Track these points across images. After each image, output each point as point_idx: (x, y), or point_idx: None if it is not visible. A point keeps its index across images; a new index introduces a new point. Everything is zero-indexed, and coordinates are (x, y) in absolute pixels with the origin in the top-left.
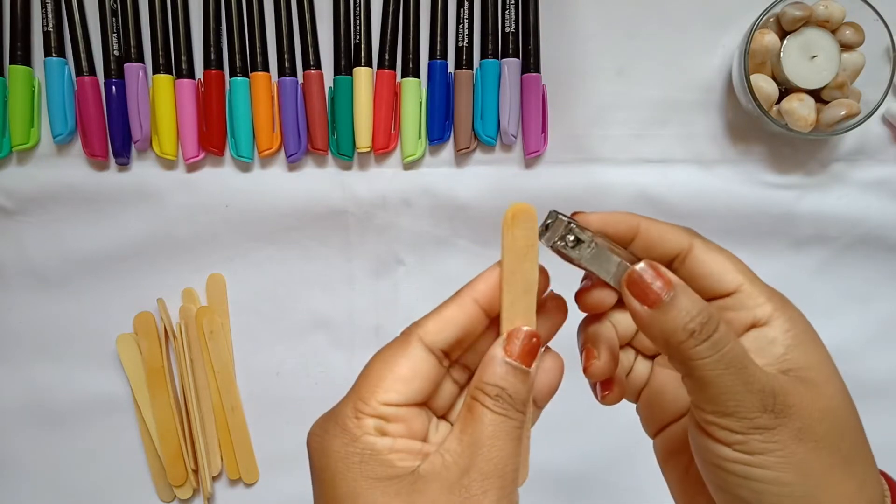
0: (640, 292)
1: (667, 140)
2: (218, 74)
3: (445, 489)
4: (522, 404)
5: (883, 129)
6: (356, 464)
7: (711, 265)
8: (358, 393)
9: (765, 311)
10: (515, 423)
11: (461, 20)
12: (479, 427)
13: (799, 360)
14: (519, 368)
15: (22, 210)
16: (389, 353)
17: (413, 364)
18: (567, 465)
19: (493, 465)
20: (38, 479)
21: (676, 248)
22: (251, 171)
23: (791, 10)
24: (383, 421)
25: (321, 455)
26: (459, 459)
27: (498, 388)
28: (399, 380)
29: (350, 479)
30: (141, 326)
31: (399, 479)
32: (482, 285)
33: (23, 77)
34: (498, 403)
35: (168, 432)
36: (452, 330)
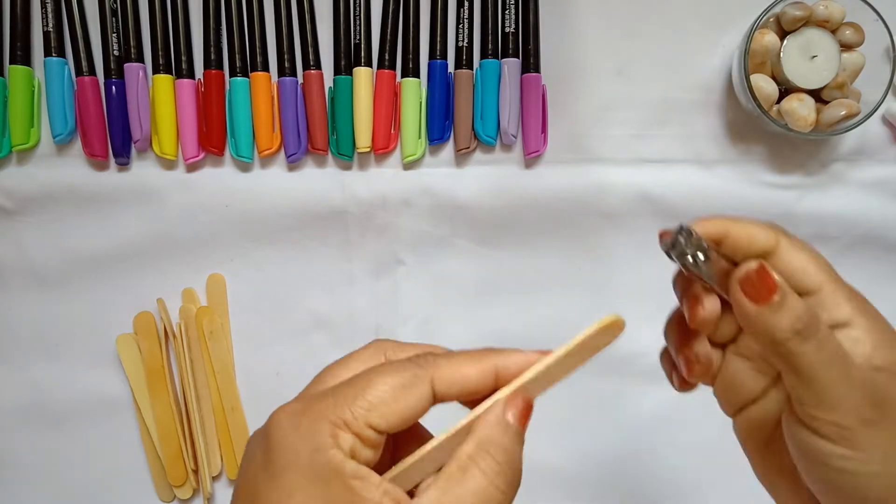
0: (753, 291)
1: (667, 140)
2: (218, 74)
3: None
4: (519, 474)
5: (883, 129)
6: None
7: (795, 263)
8: (348, 398)
9: (845, 311)
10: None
11: (461, 20)
12: (469, 493)
13: (888, 358)
14: (517, 433)
15: (22, 210)
16: (400, 381)
17: (417, 403)
18: (565, 465)
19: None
20: (37, 479)
21: (764, 247)
22: (251, 171)
23: (791, 10)
24: (360, 443)
25: (283, 451)
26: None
27: (500, 455)
28: (398, 413)
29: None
30: (141, 326)
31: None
32: (513, 364)
33: (23, 77)
34: (500, 472)
35: (168, 432)
36: (461, 390)
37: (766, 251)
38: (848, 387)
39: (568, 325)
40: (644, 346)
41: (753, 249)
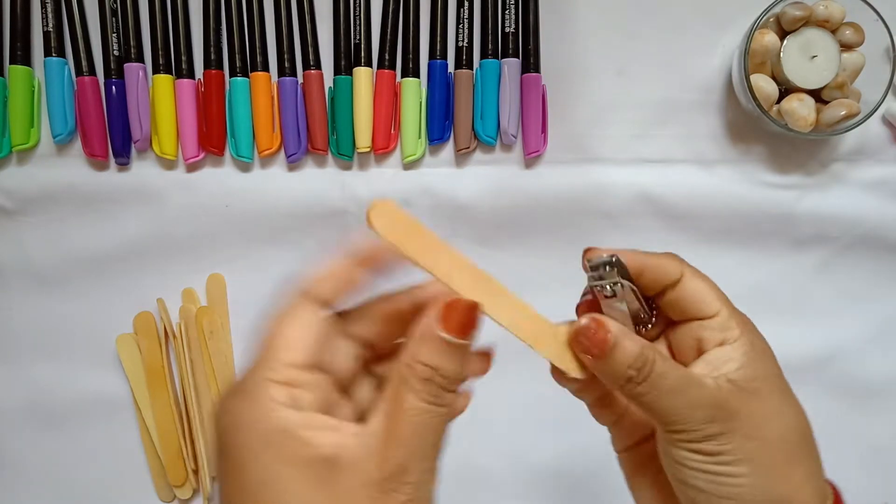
0: (584, 347)
1: (667, 140)
2: (218, 74)
3: (363, 480)
4: (457, 383)
5: (883, 129)
6: (270, 444)
7: (697, 292)
8: (262, 359)
9: (733, 333)
10: (443, 409)
11: (461, 20)
12: (402, 416)
13: (748, 375)
14: (456, 344)
15: (22, 210)
16: (279, 314)
17: (305, 318)
18: (564, 465)
19: (418, 459)
20: (37, 479)
21: (673, 278)
22: (251, 171)
23: (791, 9)
24: (293, 388)
25: (232, 432)
26: (382, 450)
27: (430, 368)
28: (297, 336)
29: (263, 463)
30: (141, 326)
31: (315, 464)
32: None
33: (23, 77)
34: (428, 387)
35: (168, 432)
36: (333, 284)
37: (674, 281)
38: (689, 410)
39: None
40: None
41: (666, 280)
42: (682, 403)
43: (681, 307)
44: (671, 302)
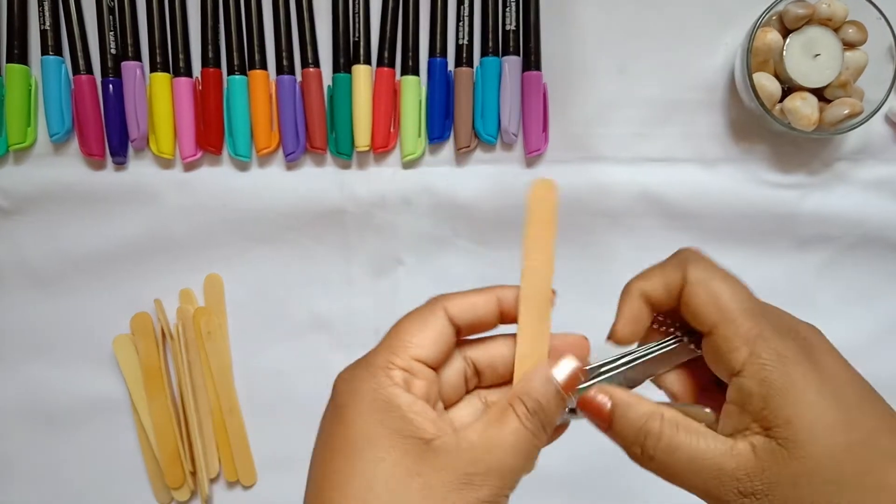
0: (588, 415)
1: (669, 139)
2: (215, 73)
3: (451, 469)
4: (551, 427)
5: (886, 128)
6: (379, 410)
7: (697, 300)
8: (390, 345)
9: (739, 356)
10: (538, 442)
11: (461, 18)
12: (505, 432)
13: (776, 417)
14: (560, 393)
15: (18, 209)
16: (419, 316)
17: (439, 328)
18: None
19: (503, 470)
20: (34, 480)
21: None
22: (249, 170)
23: (794, 8)
24: (410, 375)
25: (348, 395)
26: (474, 451)
27: (538, 403)
28: (428, 339)
29: (370, 423)
30: (138, 327)
31: (413, 441)
32: (510, 293)
33: (19, 76)
34: (530, 418)
35: (165, 434)
36: (474, 313)
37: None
38: (715, 486)
39: (567, 324)
40: None
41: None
42: (701, 481)
43: (689, 318)
44: (685, 313)
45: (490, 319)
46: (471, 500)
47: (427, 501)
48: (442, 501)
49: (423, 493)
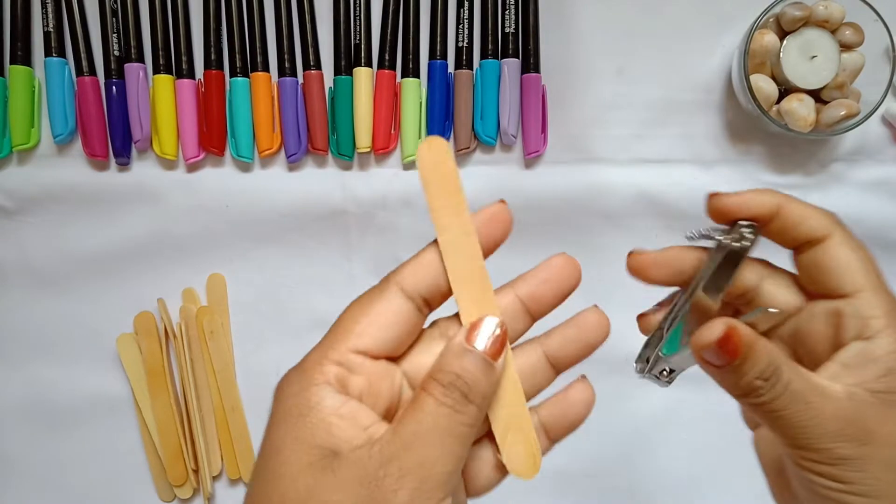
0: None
1: (667, 140)
2: (218, 74)
3: (356, 478)
4: (480, 398)
5: (882, 130)
6: (294, 416)
7: (839, 261)
8: (328, 338)
9: (876, 325)
10: (463, 418)
11: (461, 20)
12: (418, 417)
13: (893, 384)
14: (482, 359)
15: (22, 210)
16: (365, 299)
17: (388, 309)
18: (565, 465)
19: (418, 460)
20: (37, 479)
21: (813, 235)
22: (251, 171)
23: (791, 10)
24: (346, 371)
25: (275, 398)
26: (385, 449)
27: (453, 374)
28: (373, 324)
29: (282, 432)
30: (141, 326)
31: (321, 452)
32: None
33: (23, 77)
34: (447, 392)
35: (168, 432)
36: (429, 274)
37: (815, 239)
38: (816, 425)
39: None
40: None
41: (802, 233)
42: (807, 418)
43: (816, 276)
44: (807, 266)
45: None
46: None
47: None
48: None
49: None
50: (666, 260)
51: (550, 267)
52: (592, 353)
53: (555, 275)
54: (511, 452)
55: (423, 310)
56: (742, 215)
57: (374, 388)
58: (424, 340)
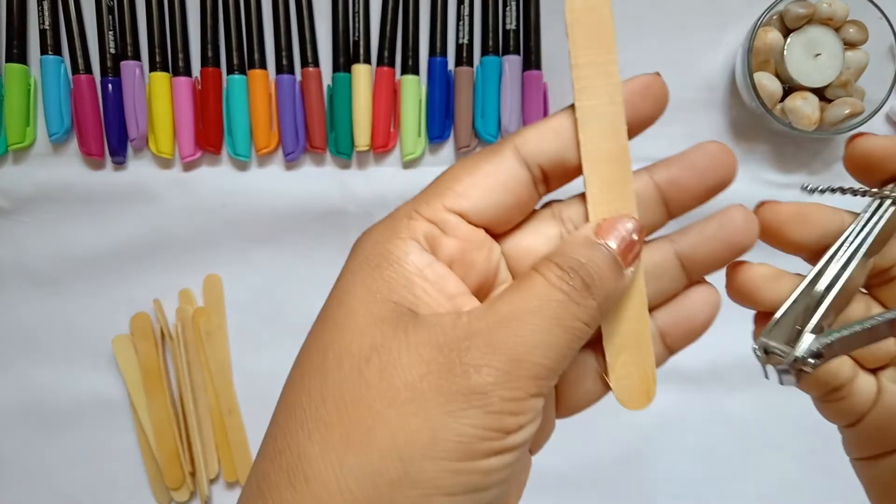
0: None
1: (670, 138)
2: (215, 72)
3: (434, 342)
4: (603, 296)
5: (887, 128)
6: (371, 267)
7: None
8: (424, 193)
9: None
10: (578, 310)
11: (461, 17)
12: (523, 296)
13: None
14: (614, 258)
15: (18, 209)
16: (473, 159)
17: (499, 171)
18: (566, 467)
19: (513, 341)
20: (32, 481)
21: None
22: (248, 170)
23: (794, 7)
24: (439, 230)
25: (351, 251)
26: (475, 322)
27: (576, 261)
28: (478, 185)
29: (352, 281)
30: (137, 327)
31: (397, 308)
32: None
33: (19, 75)
34: (565, 277)
35: (165, 434)
36: (556, 143)
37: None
38: None
39: None
40: None
41: None
42: None
43: None
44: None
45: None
46: (457, 389)
47: (388, 387)
48: (409, 389)
49: (384, 374)
50: (811, 214)
51: (701, 151)
52: (735, 258)
53: (705, 161)
54: (622, 376)
55: (539, 185)
56: (891, 166)
57: (468, 257)
58: (533, 222)
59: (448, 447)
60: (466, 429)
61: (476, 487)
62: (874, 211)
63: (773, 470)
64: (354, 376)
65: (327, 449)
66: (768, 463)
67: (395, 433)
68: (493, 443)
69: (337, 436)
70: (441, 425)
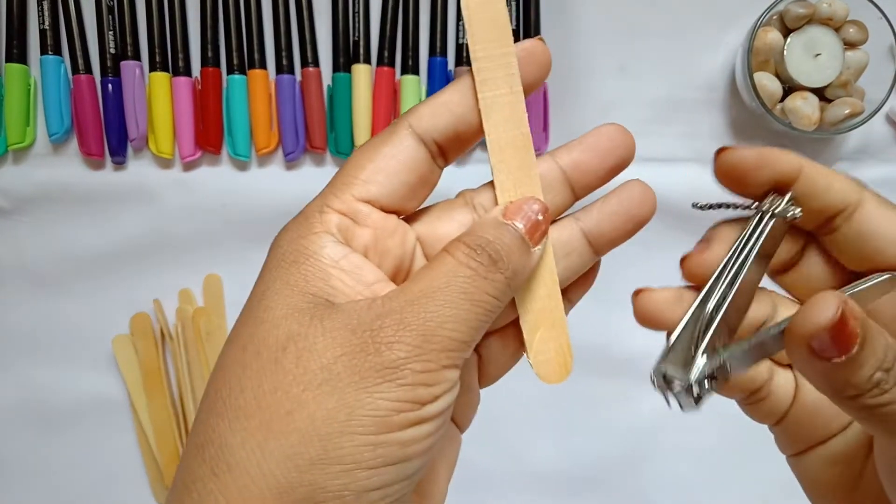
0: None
1: (670, 138)
2: (215, 72)
3: (348, 326)
4: (511, 272)
5: (887, 128)
6: (287, 263)
7: (887, 227)
8: (331, 185)
9: None
10: (486, 285)
11: (461, 17)
12: (431, 275)
13: None
14: (521, 237)
15: (18, 209)
16: (371, 144)
17: (399, 153)
18: (565, 467)
19: (423, 317)
20: (32, 481)
21: (842, 202)
22: (248, 170)
23: (794, 7)
24: (351, 221)
25: (268, 252)
26: (386, 303)
27: (484, 239)
28: (381, 170)
29: (270, 278)
30: (137, 327)
31: (313, 300)
32: None
33: (19, 75)
34: (471, 254)
35: (165, 434)
36: (448, 117)
37: (845, 207)
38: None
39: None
40: (644, 347)
41: (829, 201)
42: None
43: (862, 249)
44: (845, 242)
45: (474, 119)
46: (370, 367)
47: (304, 372)
48: (324, 371)
49: (300, 360)
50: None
51: (598, 133)
52: (637, 230)
53: (604, 143)
54: (540, 352)
55: (437, 159)
56: (760, 176)
57: (382, 244)
58: (446, 209)
59: (365, 422)
60: (381, 402)
61: (396, 458)
62: (755, 225)
63: (770, 470)
64: (271, 365)
65: (247, 437)
66: (766, 463)
67: (312, 414)
68: (408, 414)
69: (256, 423)
70: (356, 402)
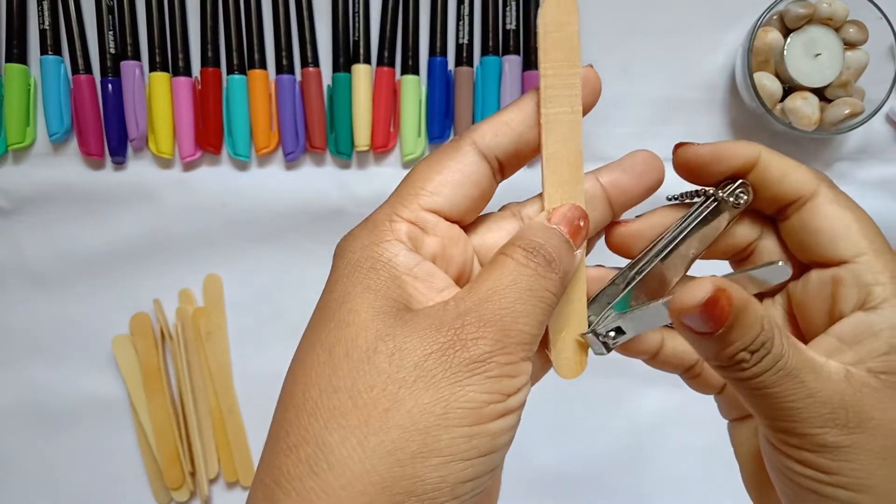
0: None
1: (670, 138)
2: (215, 72)
3: (433, 326)
4: (563, 272)
5: (887, 128)
6: (365, 269)
7: (832, 222)
8: (398, 195)
9: (880, 293)
10: (546, 282)
11: (461, 17)
12: (496, 275)
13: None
14: (566, 239)
15: (18, 209)
16: (436, 157)
17: (464, 167)
18: (565, 466)
19: (498, 314)
20: (33, 481)
21: (797, 192)
22: (248, 170)
23: (794, 7)
24: (420, 230)
25: (337, 257)
26: (460, 304)
27: (537, 242)
28: (447, 183)
29: (349, 283)
30: (137, 327)
31: (395, 304)
32: None
33: (19, 75)
34: (529, 256)
35: (165, 434)
36: (510, 135)
37: (799, 197)
38: (804, 406)
39: None
40: None
41: (784, 191)
42: (796, 399)
43: (807, 241)
44: (794, 231)
45: (532, 136)
46: (459, 362)
47: (397, 370)
48: (417, 368)
49: (393, 359)
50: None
51: (633, 157)
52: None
53: (638, 166)
54: (562, 350)
55: (496, 175)
56: (716, 169)
57: (447, 252)
58: (494, 219)
59: (460, 413)
60: (473, 395)
61: (487, 450)
62: (699, 207)
63: None
64: (364, 365)
65: (347, 435)
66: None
67: (410, 410)
68: (496, 406)
69: (355, 421)
70: (451, 395)
